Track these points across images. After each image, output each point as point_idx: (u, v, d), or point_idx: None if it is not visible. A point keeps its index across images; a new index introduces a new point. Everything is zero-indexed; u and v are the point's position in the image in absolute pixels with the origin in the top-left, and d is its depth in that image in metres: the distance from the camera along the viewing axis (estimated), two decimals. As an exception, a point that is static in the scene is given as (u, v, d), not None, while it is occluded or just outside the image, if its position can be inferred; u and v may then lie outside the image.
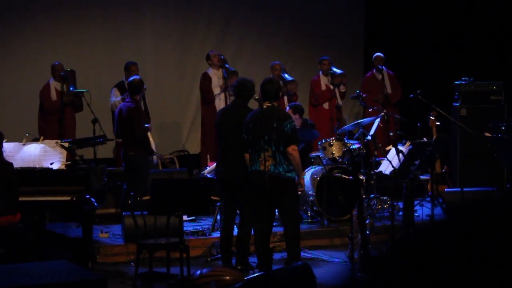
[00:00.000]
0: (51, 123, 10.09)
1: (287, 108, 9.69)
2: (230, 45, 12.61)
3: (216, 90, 10.90)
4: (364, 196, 8.73)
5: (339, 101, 11.28)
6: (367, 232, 7.59)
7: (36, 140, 8.49)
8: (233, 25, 12.72)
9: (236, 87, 7.83)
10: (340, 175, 9.27)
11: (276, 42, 13.00)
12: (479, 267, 1.56)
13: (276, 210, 7.55)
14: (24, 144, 8.04)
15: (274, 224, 7.60)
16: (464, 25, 12.67)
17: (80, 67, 10.75)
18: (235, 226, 7.98)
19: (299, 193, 7.60)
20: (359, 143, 9.51)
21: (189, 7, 12.46)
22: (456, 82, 11.16)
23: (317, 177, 9.32)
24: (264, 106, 7.31)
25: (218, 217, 8.75)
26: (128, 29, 12.01)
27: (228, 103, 10.59)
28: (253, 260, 7.72)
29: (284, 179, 7.17)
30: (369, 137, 9.60)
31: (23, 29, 11.33)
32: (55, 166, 7.85)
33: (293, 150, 7.16)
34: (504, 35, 12.33)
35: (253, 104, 7.81)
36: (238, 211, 7.94)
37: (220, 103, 10.82)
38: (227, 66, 10.98)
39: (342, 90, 11.36)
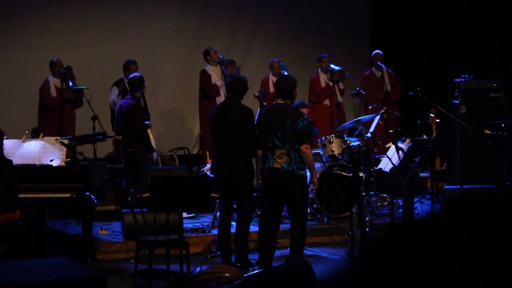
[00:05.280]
0: (51, 120, 10.07)
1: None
2: (238, 45, 12.62)
3: (219, 82, 10.89)
4: (363, 193, 8.74)
5: (339, 98, 11.26)
6: (367, 229, 7.59)
7: (35, 132, 8.48)
8: (241, 23, 12.71)
9: (229, 84, 7.83)
10: (340, 172, 9.27)
11: (284, 40, 13.00)
12: (477, 265, 1.56)
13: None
14: (23, 141, 8.03)
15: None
16: (464, 23, 12.66)
17: (80, 64, 10.74)
18: (233, 223, 7.99)
19: (312, 191, 7.60)
20: (359, 141, 9.51)
21: (196, 5, 12.45)
22: (456, 80, 11.16)
23: (317, 174, 9.32)
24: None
25: (218, 214, 8.76)
26: (131, 25, 11.98)
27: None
28: (252, 257, 7.73)
29: (297, 176, 7.19)
30: (369, 135, 9.60)
31: (22, 25, 11.31)
32: (54, 163, 7.84)
33: (306, 149, 7.17)
34: (504, 33, 12.32)
35: (249, 102, 7.83)
36: (235, 207, 7.96)
37: (219, 100, 10.80)
38: (221, 58, 10.95)
39: (341, 87, 11.34)
